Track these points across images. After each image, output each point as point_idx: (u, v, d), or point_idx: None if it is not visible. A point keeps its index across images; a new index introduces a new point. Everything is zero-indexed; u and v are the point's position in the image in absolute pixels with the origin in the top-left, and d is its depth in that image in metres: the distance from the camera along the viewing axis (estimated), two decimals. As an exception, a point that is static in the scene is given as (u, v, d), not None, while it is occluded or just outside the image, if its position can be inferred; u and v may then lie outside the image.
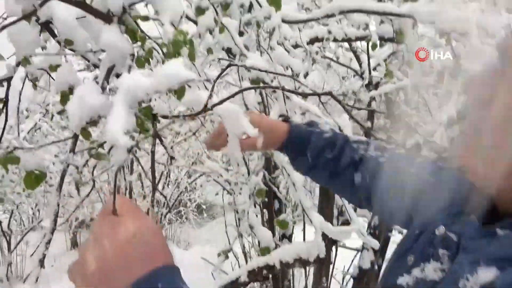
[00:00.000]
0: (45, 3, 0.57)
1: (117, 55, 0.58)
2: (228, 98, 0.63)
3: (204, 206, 5.81)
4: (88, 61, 0.72)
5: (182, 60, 0.46)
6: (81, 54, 0.78)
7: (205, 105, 0.62)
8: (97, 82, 0.57)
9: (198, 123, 1.93)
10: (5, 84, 0.77)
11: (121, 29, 0.62)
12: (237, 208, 1.63)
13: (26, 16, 0.58)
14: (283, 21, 1.40)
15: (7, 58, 0.74)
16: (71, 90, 0.71)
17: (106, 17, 0.60)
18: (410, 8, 1.22)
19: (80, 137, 0.61)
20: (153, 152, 0.67)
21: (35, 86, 0.82)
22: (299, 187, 1.22)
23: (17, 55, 0.79)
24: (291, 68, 1.29)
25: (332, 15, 1.40)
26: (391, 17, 1.33)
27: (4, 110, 0.81)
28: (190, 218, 5.45)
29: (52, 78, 0.74)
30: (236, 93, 0.70)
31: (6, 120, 0.85)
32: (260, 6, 1.17)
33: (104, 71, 0.58)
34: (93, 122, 0.53)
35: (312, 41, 2.50)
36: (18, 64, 0.78)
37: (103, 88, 0.57)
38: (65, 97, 0.73)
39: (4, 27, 0.58)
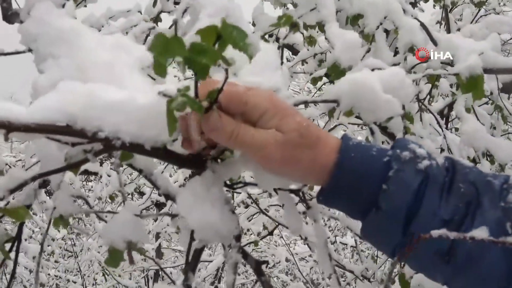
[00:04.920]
0: (102, 154, 0.62)
1: (212, 235, 0.60)
2: None
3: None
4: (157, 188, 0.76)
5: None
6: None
7: None
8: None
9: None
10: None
11: (216, 178, 0.65)
12: None
13: (72, 166, 0.64)
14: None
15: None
16: (129, 248, 0.74)
17: (198, 162, 0.63)
18: None
19: None
20: None
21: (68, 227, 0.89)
22: None
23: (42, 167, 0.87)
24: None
25: None
26: None
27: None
28: None
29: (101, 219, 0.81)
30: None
31: (15, 266, 0.95)
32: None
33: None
34: None
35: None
36: (41, 186, 0.86)
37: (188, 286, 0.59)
38: (116, 258, 0.76)
39: (40, 175, 0.65)
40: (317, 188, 0.75)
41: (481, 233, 0.47)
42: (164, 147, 0.64)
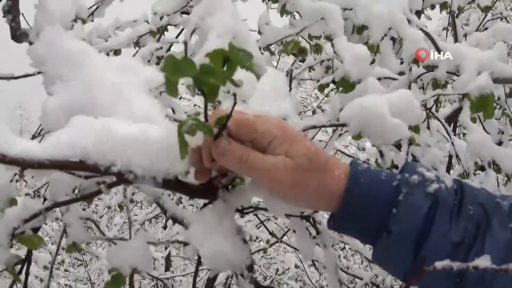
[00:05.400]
0: (115, 186, 0.63)
1: (224, 265, 0.62)
2: None
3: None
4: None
5: None
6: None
7: None
8: None
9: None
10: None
11: (228, 207, 0.66)
12: None
13: (86, 197, 0.65)
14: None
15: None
16: (133, 275, 0.76)
17: (209, 192, 0.65)
18: None
19: None
20: None
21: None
22: None
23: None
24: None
25: None
26: None
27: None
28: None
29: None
30: None
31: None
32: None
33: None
34: None
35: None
36: (48, 209, 0.88)
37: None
38: (118, 282, 0.78)
39: (53, 205, 0.66)
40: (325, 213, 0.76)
41: (484, 262, 0.47)
42: (175, 179, 0.66)
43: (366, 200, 0.70)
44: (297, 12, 2.49)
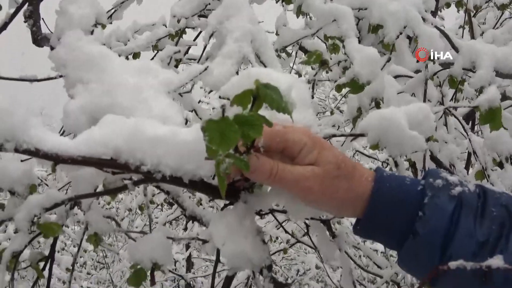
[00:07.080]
0: (141, 184, 0.65)
1: (244, 264, 0.64)
2: None
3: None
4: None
5: None
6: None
7: None
8: None
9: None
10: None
11: (248, 208, 0.68)
12: None
13: (111, 192, 0.67)
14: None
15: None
16: (153, 269, 0.78)
17: (232, 193, 0.66)
18: None
19: None
20: None
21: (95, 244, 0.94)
22: None
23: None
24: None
25: None
26: None
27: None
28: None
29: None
30: None
31: (49, 284, 0.99)
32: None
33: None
34: None
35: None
36: (72, 206, 0.91)
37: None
38: (139, 277, 0.80)
39: (77, 197, 0.68)
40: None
41: (497, 261, 0.49)
42: (201, 180, 0.68)
43: (392, 204, 0.72)
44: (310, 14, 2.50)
